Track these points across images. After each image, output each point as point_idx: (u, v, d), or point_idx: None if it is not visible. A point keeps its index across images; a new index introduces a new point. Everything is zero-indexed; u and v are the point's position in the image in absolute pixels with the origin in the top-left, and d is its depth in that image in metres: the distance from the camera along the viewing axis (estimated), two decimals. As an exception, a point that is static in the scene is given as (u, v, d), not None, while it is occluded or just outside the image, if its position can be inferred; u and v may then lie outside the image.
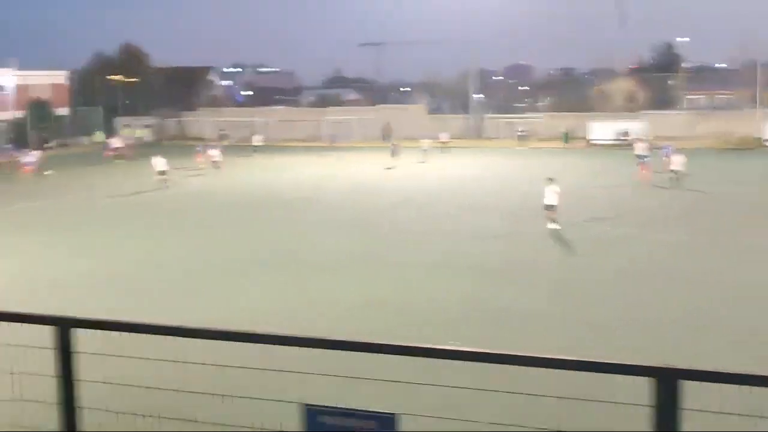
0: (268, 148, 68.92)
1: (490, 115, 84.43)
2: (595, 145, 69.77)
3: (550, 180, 29.97)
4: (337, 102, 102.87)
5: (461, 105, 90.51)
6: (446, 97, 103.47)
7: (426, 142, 61.39)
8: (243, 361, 5.68)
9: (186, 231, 30.94)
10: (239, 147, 70.55)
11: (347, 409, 4.39)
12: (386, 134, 75.85)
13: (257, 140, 68.29)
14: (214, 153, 53.62)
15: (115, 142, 61.05)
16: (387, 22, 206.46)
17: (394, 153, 57.65)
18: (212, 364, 5.85)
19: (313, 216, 34.12)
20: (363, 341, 4.27)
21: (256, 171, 53.94)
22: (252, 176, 50.89)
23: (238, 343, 4.66)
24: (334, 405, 4.39)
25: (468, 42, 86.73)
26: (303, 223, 32.14)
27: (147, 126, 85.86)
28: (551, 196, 29.40)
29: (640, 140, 51.95)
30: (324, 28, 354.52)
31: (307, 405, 4.54)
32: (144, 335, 4.95)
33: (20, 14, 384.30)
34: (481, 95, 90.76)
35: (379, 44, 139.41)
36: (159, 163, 44.50)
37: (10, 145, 59.41)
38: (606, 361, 3.59)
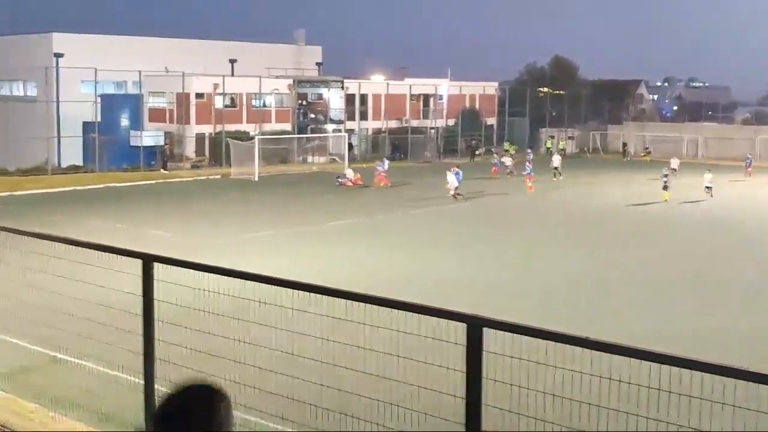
0: (692, 166, 65.49)
1: None
2: None
3: None
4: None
5: None
6: None
7: None
8: (654, 381, 5.46)
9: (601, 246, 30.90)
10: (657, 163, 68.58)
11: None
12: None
13: (674, 164, 60.33)
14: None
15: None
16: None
17: None
18: (617, 380, 5.69)
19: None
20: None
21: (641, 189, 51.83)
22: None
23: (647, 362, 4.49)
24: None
25: None
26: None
27: (570, 138, 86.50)
28: None
29: None
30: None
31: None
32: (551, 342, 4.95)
33: (458, 28, 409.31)
34: None
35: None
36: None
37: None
38: None
